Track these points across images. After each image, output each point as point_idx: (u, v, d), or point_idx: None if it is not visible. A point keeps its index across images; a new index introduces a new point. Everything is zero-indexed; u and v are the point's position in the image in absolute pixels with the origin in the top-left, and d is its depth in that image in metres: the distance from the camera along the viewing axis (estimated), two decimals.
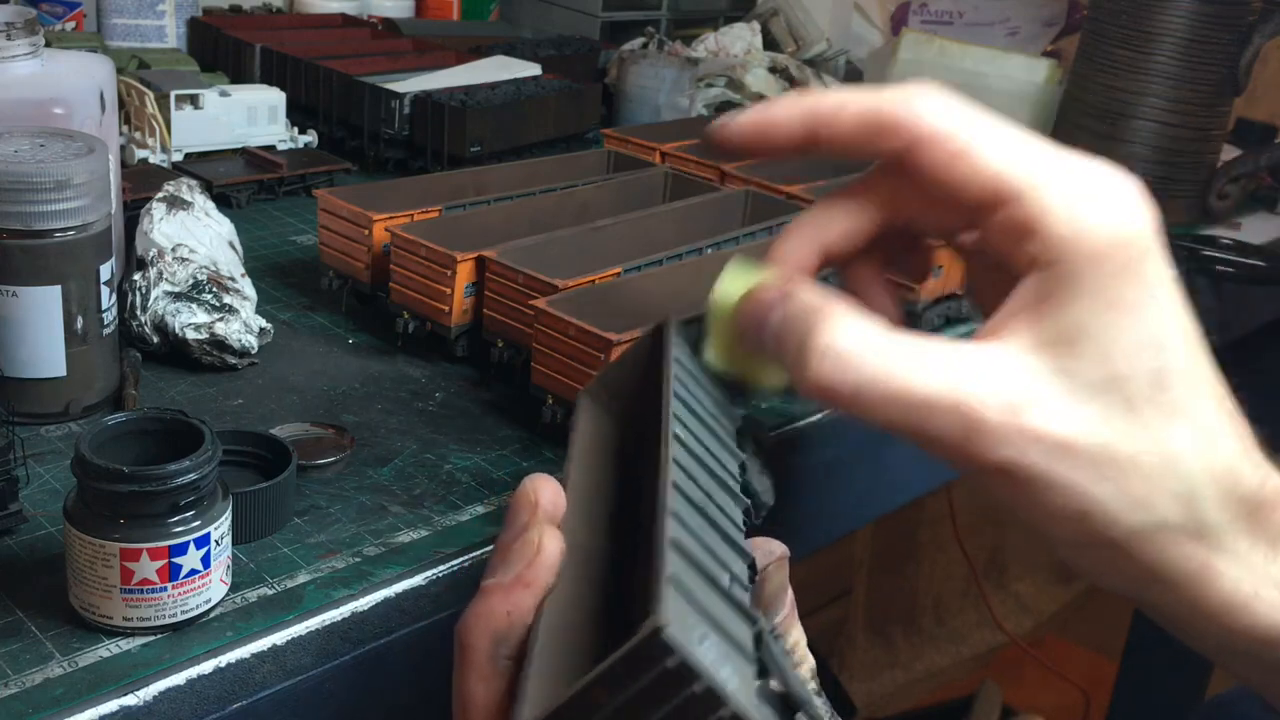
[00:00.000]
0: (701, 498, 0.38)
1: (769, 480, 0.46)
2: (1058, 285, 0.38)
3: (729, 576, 0.35)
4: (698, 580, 0.34)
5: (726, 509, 0.39)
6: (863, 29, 1.48)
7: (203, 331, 0.65)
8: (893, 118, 0.41)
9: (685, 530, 0.35)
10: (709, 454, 0.41)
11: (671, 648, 0.30)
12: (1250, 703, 0.87)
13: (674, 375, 0.44)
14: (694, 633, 0.31)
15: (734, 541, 0.37)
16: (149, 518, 0.44)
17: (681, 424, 0.41)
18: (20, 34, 0.65)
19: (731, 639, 0.33)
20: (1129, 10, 1.08)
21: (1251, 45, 1.07)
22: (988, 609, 2.04)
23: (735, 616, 0.34)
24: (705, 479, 0.40)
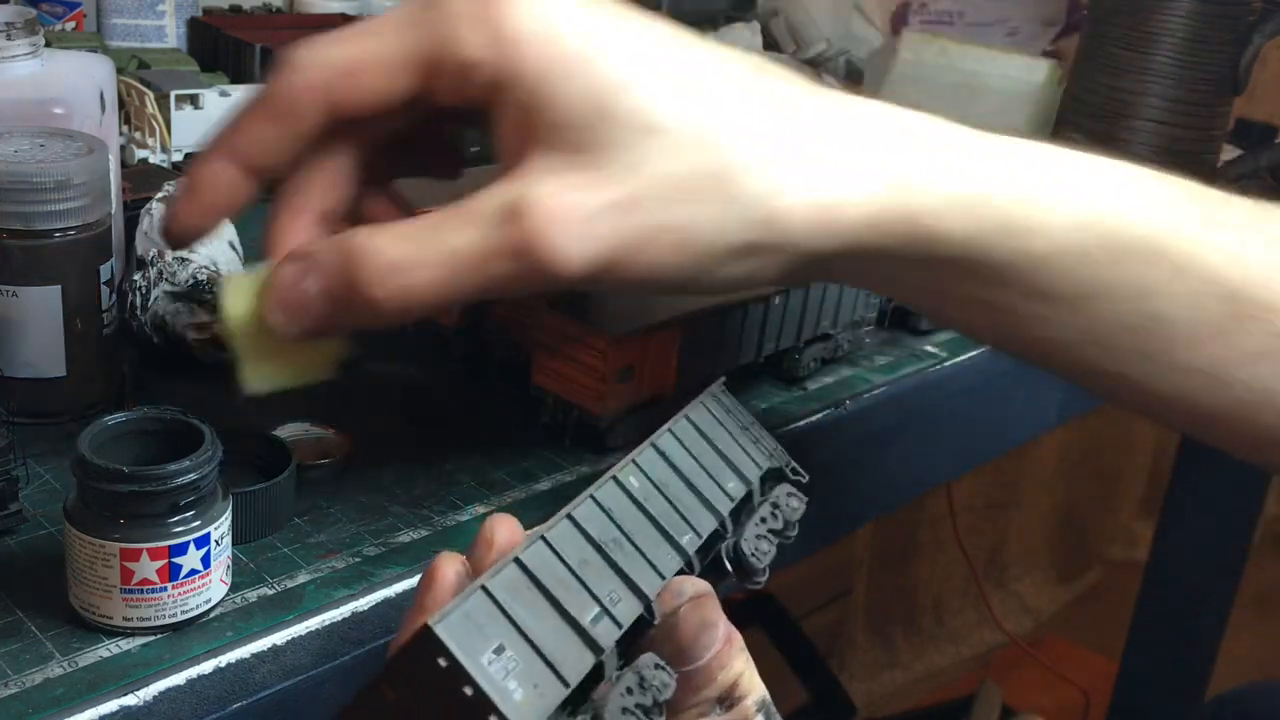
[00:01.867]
0: (607, 535, 0.38)
1: (769, 548, 0.46)
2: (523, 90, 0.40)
3: (597, 610, 0.36)
4: (530, 598, 0.34)
5: (649, 553, 0.39)
6: (863, 29, 1.48)
7: (203, 331, 0.65)
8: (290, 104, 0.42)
9: (552, 554, 0.36)
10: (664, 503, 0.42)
11: (442, 647, 0.31)
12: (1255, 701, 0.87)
13: (667, 429, 0.44)
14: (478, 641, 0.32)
15: (630, 581, 0.38)
16: (149, 518, 0.44)
17: (640, 471, 0.42)
18: (20, 34, 0.65)
19: (547, 662, 0.33)
20: (1129, 10, 1.08)
21: (1251, 45, 1.07)
22: (988, 609, 2.04)
23: (577, 647, 0.34)
24: (635, 519, 0.40)
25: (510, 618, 0.33)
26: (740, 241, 0.42)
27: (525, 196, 0.40)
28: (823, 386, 0.71)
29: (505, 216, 0.40)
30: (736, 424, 0.49)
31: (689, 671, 0.38)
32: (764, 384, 0.70)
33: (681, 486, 0.44)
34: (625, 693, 0.35)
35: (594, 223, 0.40)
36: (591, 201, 0.40)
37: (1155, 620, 1.58)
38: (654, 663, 0.36)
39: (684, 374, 0.63)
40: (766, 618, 1.54)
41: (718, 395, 0.49)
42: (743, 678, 0.39)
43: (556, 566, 0.36)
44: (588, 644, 0.35)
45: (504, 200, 0.40)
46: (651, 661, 0.36)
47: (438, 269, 0.40)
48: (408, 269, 0.40)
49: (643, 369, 0.61)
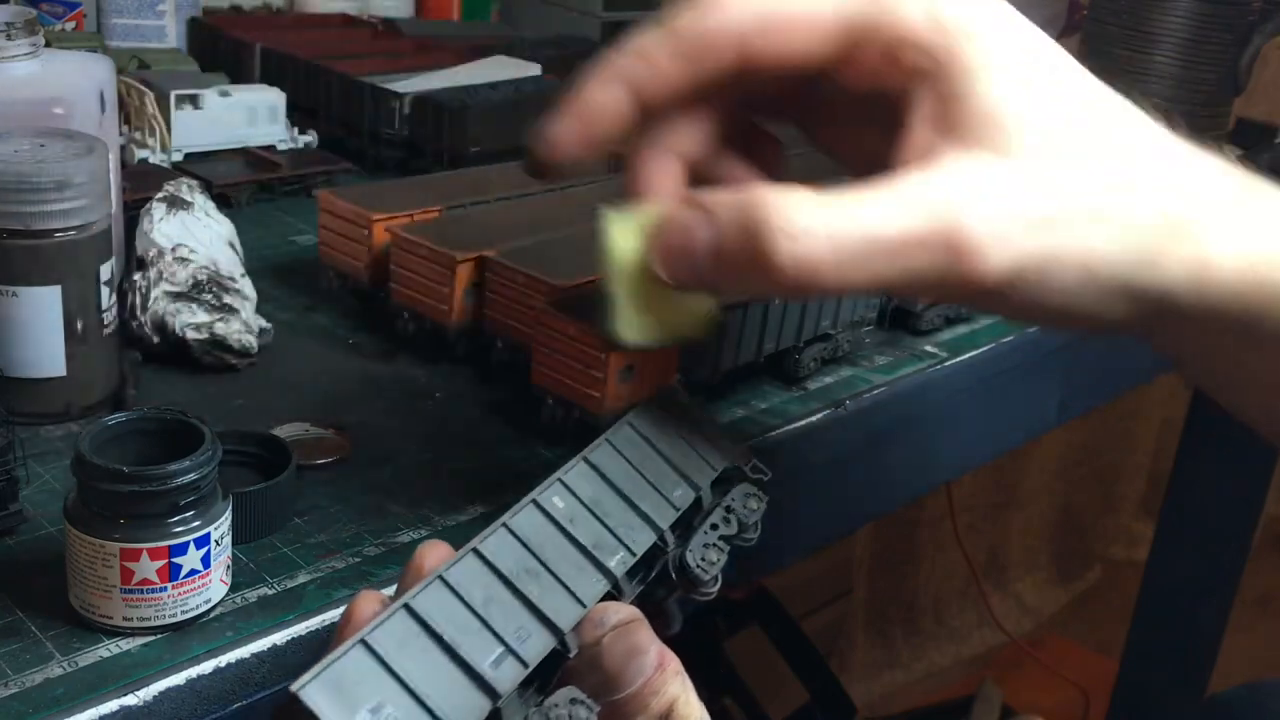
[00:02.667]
0: (520, 566, 0.37)
1: (719, 556, 0.44)
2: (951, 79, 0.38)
3: (500, 651, 0.35)
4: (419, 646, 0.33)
5: (568, 580, 0.38)
6: None
7: (203, 331, 0.65)
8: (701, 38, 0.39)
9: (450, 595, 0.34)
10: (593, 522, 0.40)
11: (309, 713, 0.30)
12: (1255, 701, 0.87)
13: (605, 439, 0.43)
14: (350, 701, 0.30)
15: (541, 614, 0.36)
16: (149, 518, 0.44)
17: (566, 490, 0.40)
18: (20, 34, 0.65)
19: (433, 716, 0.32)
20: (1129, 10, 1.08)
21: (1251, 45, 1.07)
22: (988, 609, 2.04)
23: (470, 695, 0.33)
24: (555, 545, 0.39)
25: (392, 671, 0.32)
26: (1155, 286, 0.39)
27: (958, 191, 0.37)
28: (823, 386, 0.71)
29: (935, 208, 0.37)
30: (689, 426, 0.47)
31: (618, 700, 0.37)
32: (764, 384, 0.70)
33: (616, 502, 0.42)
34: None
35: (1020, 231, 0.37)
36: (1020, 209, 0.37)
37: (1155, 620, 1.58)
38: (570, 698, 0.34)
39: (684, 374, 0.63)
40: (766, 618, 1.54)
41: (668, 397, 0.48)
42: (678, 703, 0.37)
43: (455, 608, 0.35)
44: (483, 690, 0.33)
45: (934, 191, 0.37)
46: (567, 697, 0.34)
47: (853, 246, 0.36)
48: (819, 240, 0.36)
49: (643, 369, 0.61)
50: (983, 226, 0.36)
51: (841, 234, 0.36)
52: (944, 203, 0.37)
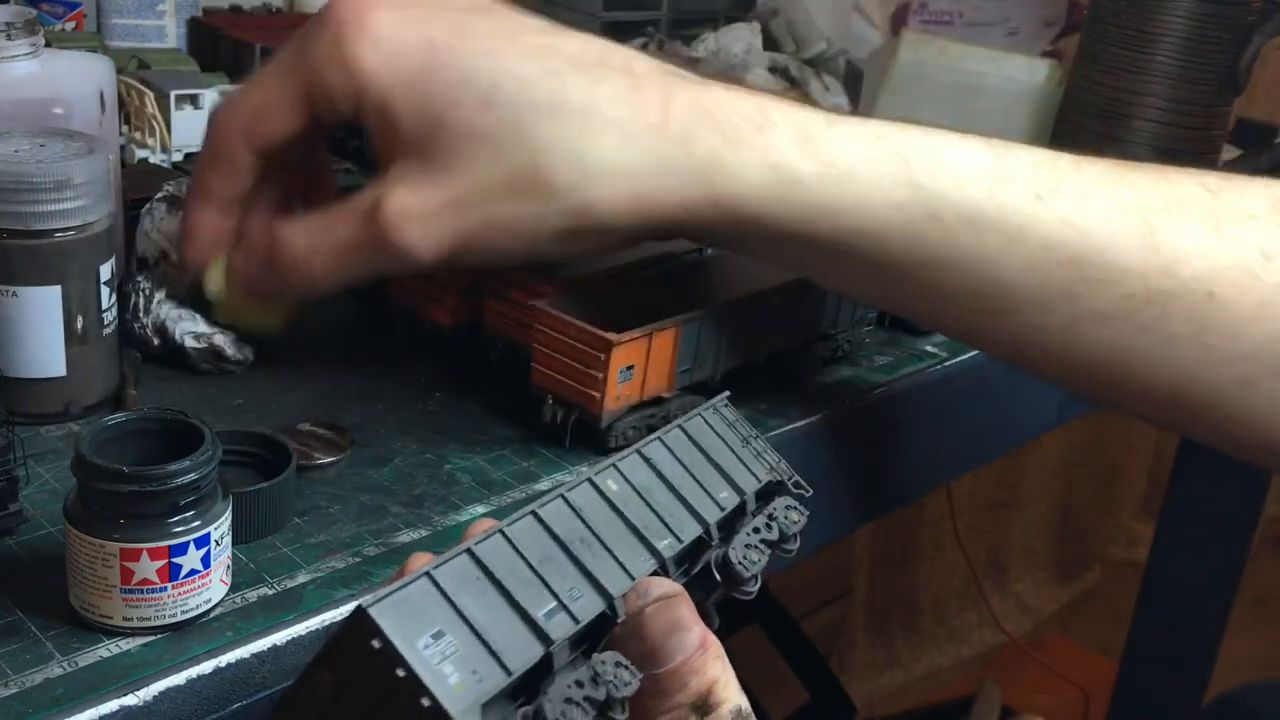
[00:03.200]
0: (575, 534, 0.38)
1: (760, 557, 0.46)
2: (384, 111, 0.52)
3: (553, 604, 0.36)
4: (478, 588, 0.34)
5: (619, 554, 0.40)
6: (863, 29, 1.48)
7: (202, 341, 0.65)
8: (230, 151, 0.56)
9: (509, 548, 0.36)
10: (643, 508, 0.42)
11: (375, 628, 0.31)
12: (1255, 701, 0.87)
13: (657, 437, 0.45)
14: (415, 624, 0.32)
15: (594, 578, 0.38)
16: (149, 518, 0.44)
17: (620, 475, 0.42)
18: (20, 34, 0.64)
19: (490, 650, 0.33)
20: (1129, 10, 1.08)
21: (1251, 45, 1.07)
22: (988, 609, 2.04)
23: (525, 637, 0.35)
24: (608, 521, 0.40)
25: (454, 604, 0.33)
26: (563, 227, 0.51)
27: (380, 198, 0.51)
28: (823, 386, 0.71)
29: (368, 214, 0.51)
30: (737, 437, 0.49)
31: (659, 675, 0.37)
32: (764, 384, 0.70)
33: (665, 493, 0.43)
34: (574, 684, 0.35)
35: (433, 220, 0.50)
36: (430, 202, 0.50)
37: (1155, 620, 1.58)
38: (615, 660, 0.35)
39: (684, 374, 0.63)
40: (766, 618, 1.54)
41: (719, 409, 0.49)
42: (718, 685, 0.38)
43: (514, 560, 0.36)
44: (537, 635, 0.35)
45: (368, 201, 0.51)
46: (613, 659, 0.35)
47: (328, 257, 0.53)
48: (309, 256, 0.54)
49: (643, 369, 0.61)
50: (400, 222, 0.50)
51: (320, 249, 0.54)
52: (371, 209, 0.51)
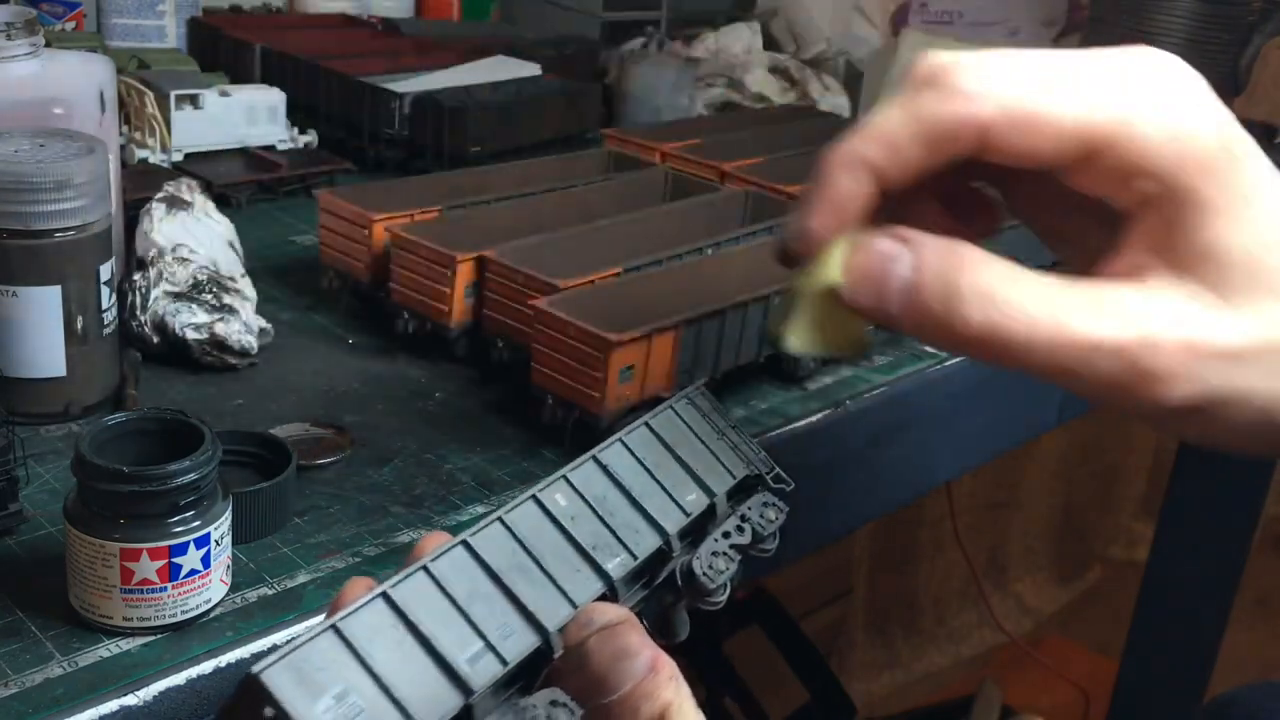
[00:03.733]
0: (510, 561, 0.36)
1: (727, 565, 0.43)
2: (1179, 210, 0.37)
3: (479, 646, 0.34)
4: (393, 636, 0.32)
5: (561, 579, 0.37)
6: (863, 29, 1.48)
7: (203, 331, 0.65)
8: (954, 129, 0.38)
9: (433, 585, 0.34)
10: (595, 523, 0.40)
11: (267, 695, 0.29)
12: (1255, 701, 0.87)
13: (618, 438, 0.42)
14: (313, 687, 0.30)
15: (527, 612, 0.36)
16: (149, 518, 0.44)
17: (570, 488, 0.39)
18: (20, 34, 0.64)
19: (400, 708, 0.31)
20: (1129, 10, 1.08)
21: (1251, 45, 1.07)
22: (988, 609, 2.03)
23: (442, 688, 0.32)
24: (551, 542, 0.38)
25: (361, 659, 0.31)
26: None
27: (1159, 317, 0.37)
28: (823, 386, 0.71)
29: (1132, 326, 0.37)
30: (711, 429, 0.46)
31: (606, 705, 0.36)
32: (764, 384, 0.70)
33: (621, 502, 0.41)
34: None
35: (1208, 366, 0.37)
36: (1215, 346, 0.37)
37: (1155, 620, 1.58)
38: (550, 699, 0.34)
39: (684, 374, 0.63)
40: (766, 618, 1.54)
41: (692, 399, 0.47)
42: (671, 709, 0.36)
43: (435, 599, 0.34)
44: (456, 685, 0.33)
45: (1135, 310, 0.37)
46: (546, 699, 0.34)
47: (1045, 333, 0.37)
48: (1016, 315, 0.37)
49: (643, 369, 0.61)
50: (1174, 357, 0.37)
51: (1038, 317, 0.37)
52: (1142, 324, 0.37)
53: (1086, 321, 0.37)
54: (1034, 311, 0.37)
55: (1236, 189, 0.37)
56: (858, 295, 0.39)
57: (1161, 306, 0.37)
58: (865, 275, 0.39)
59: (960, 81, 0.38)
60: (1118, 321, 0.37)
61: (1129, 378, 0.37)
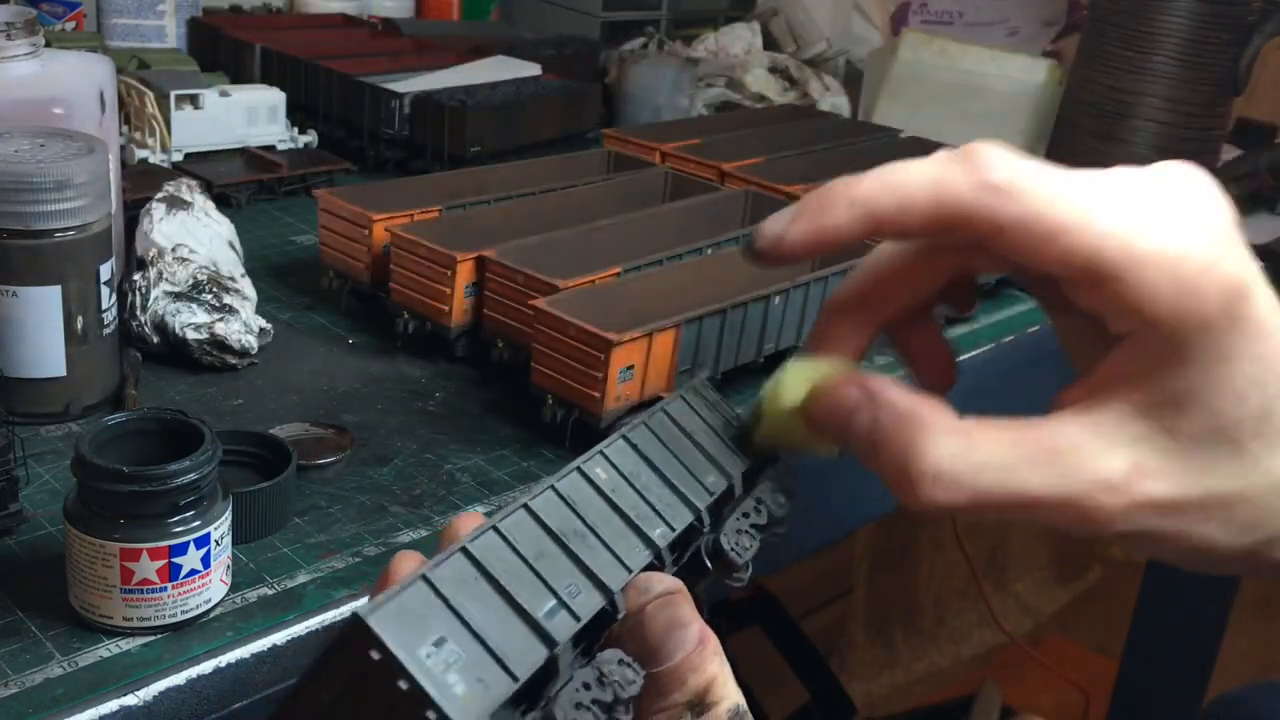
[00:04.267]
0: (568, 526, 0.37)
1: (751, 543, 0.45)
2: (1162, 353, 0.37)
3: (553, 603, 0.34)
4: (477, 590, 0.33)
5: (614, 545, 0.38)
6: (863, 29, 1.48)
7: (203, 331, 0.65)
8: (967, 213, 0.37)
9: (504, 544, 0.34)
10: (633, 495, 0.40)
11: (375, 639, 0.29)
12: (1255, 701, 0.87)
13: (641, 421, 0.43)
14: (415, 632, 0.30)
15: (591, 573, 0.36)
16: (149, 518, 0.44)
17: (608, 463, 0.40)
18: (20, 34, 0.65)
19: (494, 656, 0.32)
20: (1129, 10, 1.08)
21: (1251, 45, 1.07)
22: (988, 609, 2.04)
23: (528, 640, 0.33)
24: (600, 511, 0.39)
25: (454, 609, 0.32)
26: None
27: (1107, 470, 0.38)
28: None
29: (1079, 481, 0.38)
30: (720, 419, 0.48)
31: (657, 673, 0.37)
32: (764, 384, 0.70)
33: (654, 479, 0.42)
34: (581, 687, 0.34)
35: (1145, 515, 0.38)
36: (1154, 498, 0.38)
37: (1155, 620, 1.58)
38: (618, 658, 0.34)
39: (684, 374, 0.63)
40: (766, 618, 1.54)
41: (699, 390, 0.48)
42: (715, 683, 0.37)
43: (509, 557, 0.34)
44: (540, 637, 0.33)
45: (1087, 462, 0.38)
46: (615, 657, 0.34)
47: (993, 499, 0.38)
48: (961, 489, 0.38)
49: (643, 369, 0.61)
50: (1113, 509, 0.38)
51: (984, 490, 0.38)
52: (1089, 476, 0.38)
53: (1035, 481, 0.38)
54: (984, 483, 0.38)
55: (1224, 349, 0.37)
56: (821, 424, 0.41)
57: (1111, 457, 0.38)
58: (827, 416, 0.41)
59: (997, 175, 0.37)
60: (1066, 478, 0.38)
61: (1071, 519, 0.38)
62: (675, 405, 0.46)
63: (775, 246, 0.41)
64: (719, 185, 0.85)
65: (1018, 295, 0.88)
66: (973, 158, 0.38)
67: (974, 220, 0.38)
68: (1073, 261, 0.37)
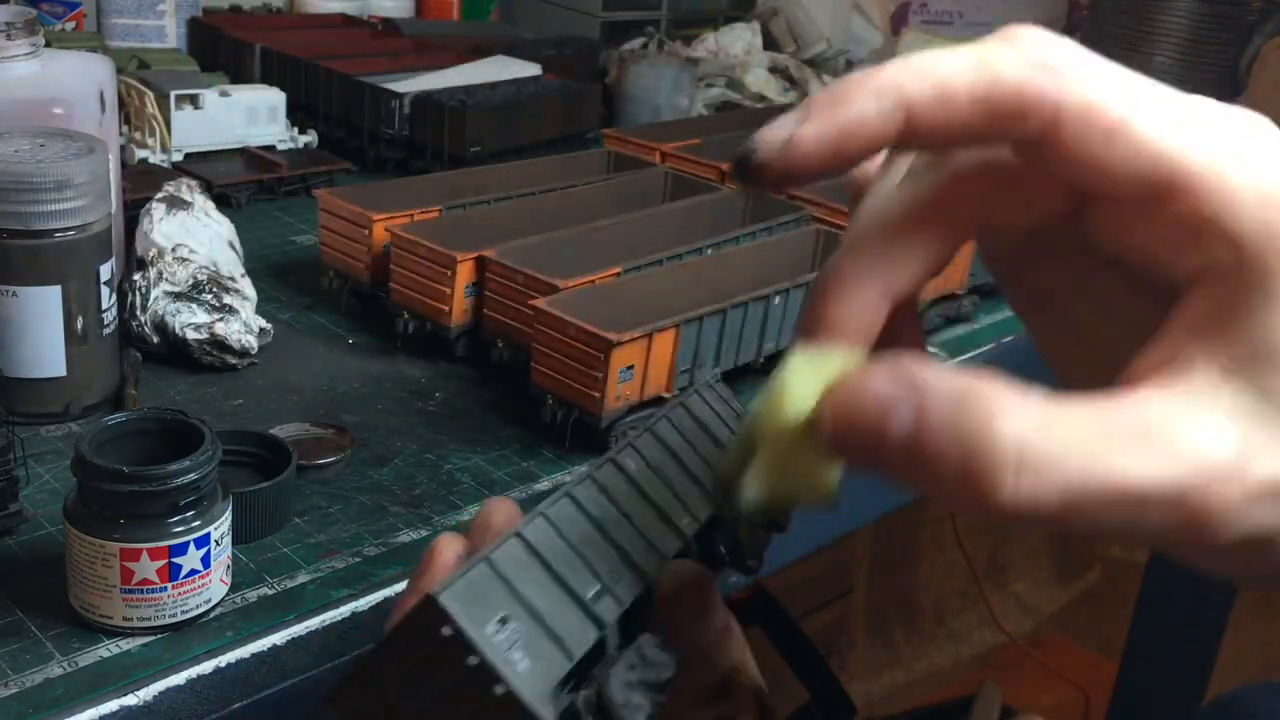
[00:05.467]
0: (608, 515, 0.38)
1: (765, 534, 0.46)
2: (1246, 292, 0.30)
3: (599, 587, 0.36)
4: (533, 573, 0.34)
5: (649, 533, 0.39)
6: (863, 29, 1.48)
7: (203, 331, 0.65)
8: (1024, 94, 0.30)
9: (553, 530, 0.36)
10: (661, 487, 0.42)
11: (446, 616, 0.31)
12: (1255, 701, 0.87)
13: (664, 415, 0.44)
14: (482, 611, 0.32)
15: (631, 560, 0.38)
16: (149, 518, 0.44)
17: (638, 455, 0.41)
18: (20, 34, 0.65)
19: (552, 635, 0.33)
20: (1129, 10, 1.08)
21: (1251, 45, 1.07)
22: (988, 609, 2.04)
23: (580, 621, 0.34)
24: (634, 501, 0.40)
25: (514, 590, 0.33)
26: None
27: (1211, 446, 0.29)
28: None
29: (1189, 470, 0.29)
30: (733, 414, 0.48)
31: (683, 659, 0.37)
32: (764, 384, 0.70)
33: (678, 472, 0.43)
34: (629, 668, 0.35)
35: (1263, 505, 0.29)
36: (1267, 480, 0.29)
37: (1155, 620, 1.58)
38: (654, 643, 0.36)
39: (684, 374, 0.63)
40: (766, 618, 1.54)
41: (713, 385, 0.49)
42: (738, 669, 0.38)
43: (558, 543, 0.36)
44: (591, 619, 0.35)
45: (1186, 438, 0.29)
46: (652, 641, 0.36)
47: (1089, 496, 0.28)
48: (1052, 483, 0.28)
49: (643, 369, 0.61)
50: (1228, 498, 0.29)
51: (1079, 479, 0.28)
52: (1194, 458, 0.29)
53: (1137, 466, 0.29)
54: (1074, 471, 0.28)
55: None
56: (844, 446, 0.30)
57: (1211, 428, 0.30)
58: (854, 423, 0.29)
59: (1049, 53, 0.31)
60: (1169, 459, 0.29)
61: (1179, 524, 0.29)
62: (693, 400, 0.47)
63: (783, 154, 0.31)
64: (719, 185, 0.85)
65: None
66: (1021, 39, 0.31)
67: (1030, 111, 0.30)
68: (1140, 164, 0.30)
